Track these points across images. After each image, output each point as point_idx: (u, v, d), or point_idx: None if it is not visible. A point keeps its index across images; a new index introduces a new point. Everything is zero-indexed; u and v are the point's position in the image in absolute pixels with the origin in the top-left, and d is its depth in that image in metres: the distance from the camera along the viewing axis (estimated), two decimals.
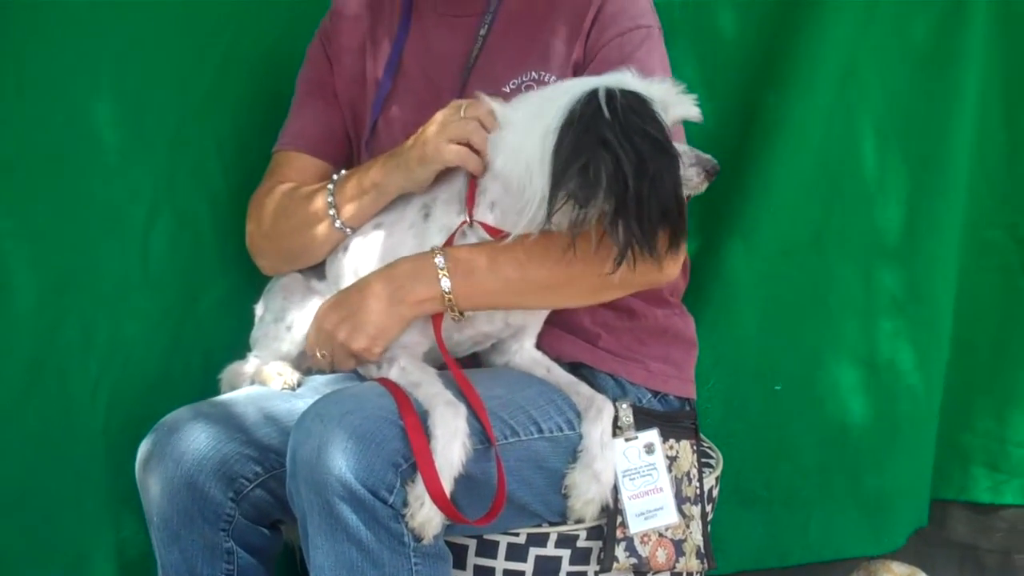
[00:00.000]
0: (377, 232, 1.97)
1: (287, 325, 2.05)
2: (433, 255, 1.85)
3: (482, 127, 1.83)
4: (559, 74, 1.99)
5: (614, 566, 1.95)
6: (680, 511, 1.99)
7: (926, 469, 2.91)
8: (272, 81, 2.38)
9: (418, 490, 1.71)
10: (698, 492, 2.04)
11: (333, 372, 2.02)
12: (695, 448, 2.06)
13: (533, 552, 1.96)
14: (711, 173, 1.83)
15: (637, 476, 1.95)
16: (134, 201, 2.23)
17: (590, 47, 1.99)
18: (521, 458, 1.88)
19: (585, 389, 1.97)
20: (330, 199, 1.98)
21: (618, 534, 1.94)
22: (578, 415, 1.94)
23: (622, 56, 1.94)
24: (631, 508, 1.94)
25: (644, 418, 1.99)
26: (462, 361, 2.00)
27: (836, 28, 2.61)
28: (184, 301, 2.30)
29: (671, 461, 2.00)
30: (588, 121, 1.71)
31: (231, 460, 1.91)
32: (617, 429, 1.95)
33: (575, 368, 2.05)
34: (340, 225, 1.98)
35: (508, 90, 1.99)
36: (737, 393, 2.71)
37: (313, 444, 1.71)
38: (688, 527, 2.01)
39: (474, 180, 1.87)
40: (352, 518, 1.70)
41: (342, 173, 2.03)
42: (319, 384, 2.05)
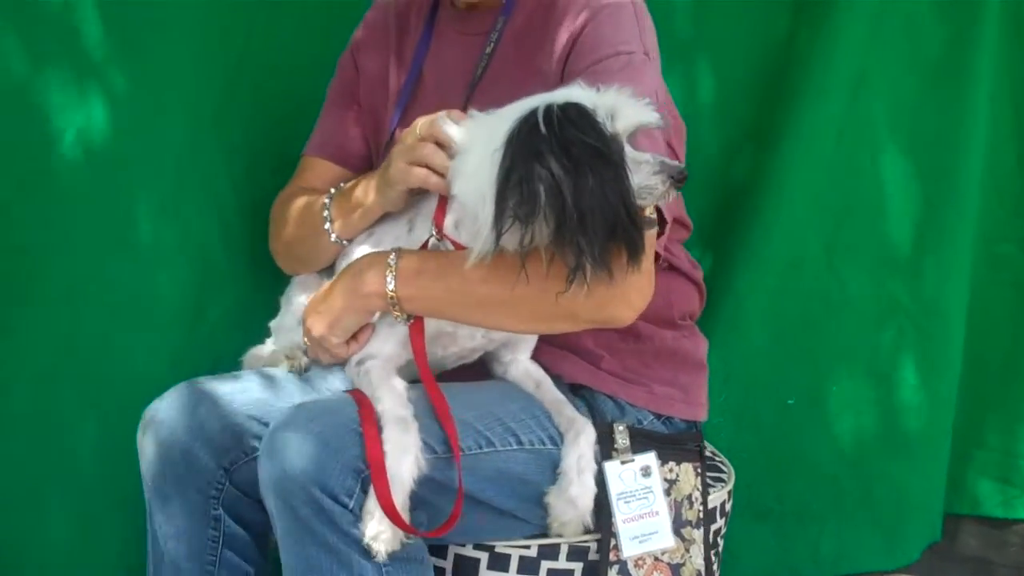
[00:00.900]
0: (371, 240, 2.00)
1: (299, 320, 2.06)
2: (389, 254, 1.87)
3: (440, 149, 1.82)
4: None
5: None
6: (679, 535, 1.96)
7: (939, 483, 2.90)
8: (282, 94, 2.40)
9: (370, 504, 1.72)
10: (700, 515, 2.01)
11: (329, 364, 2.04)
12: (699, 471, 2.03)
13: (545, 565, 1.95)
14: (678, 180, 1.71)
15: (632, 499, 1.92)
16: (144, 213, 2.25)
17: (567, 73, 1.94)
18: (500, 468, 1.88)
19: (569, 411, 1.94)
20: (325, 213, 2.02)
21: (611, 557, 1.92)
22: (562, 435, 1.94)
23: (597, 84, 1.82)
24: (625, 532, 1.91)
25: (642, 440, 1.96)
26: (459, 371, 2.00)
27: (847, 41, 2.61)
28: (193, 312, 2.31)
29: (670, 484, 1.97)
30: (524, 137, 1.68)
31: (229, 431, 1.94)
32: (613, 451, 1.93)
33: (576, 389, 2.04)
34: (335, 239, 2.02)
35: None
36: (749, 407, 2.71)
37: (278, 450, 1.74)
38: (688, 551, 1.98)
39: (443, 197, 1.86)
40: (315, 522, 1.72)
41: (340, 186, 2.06)
42: (324, 371, 2.07)
